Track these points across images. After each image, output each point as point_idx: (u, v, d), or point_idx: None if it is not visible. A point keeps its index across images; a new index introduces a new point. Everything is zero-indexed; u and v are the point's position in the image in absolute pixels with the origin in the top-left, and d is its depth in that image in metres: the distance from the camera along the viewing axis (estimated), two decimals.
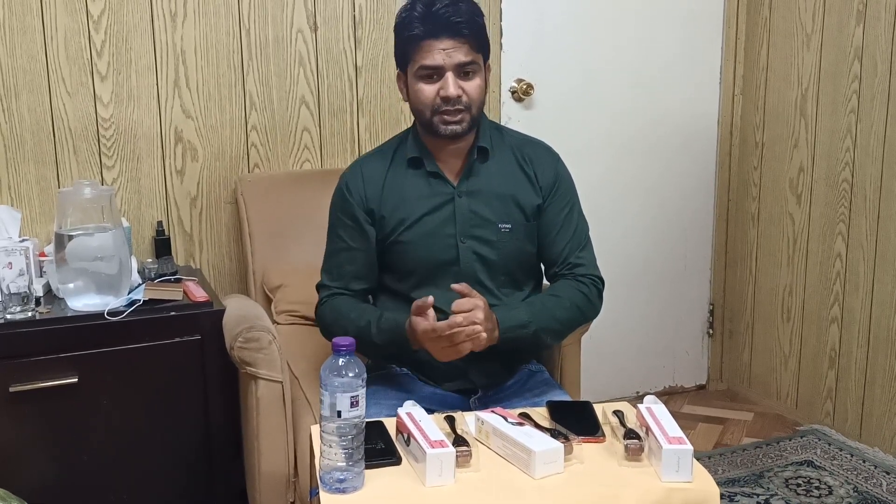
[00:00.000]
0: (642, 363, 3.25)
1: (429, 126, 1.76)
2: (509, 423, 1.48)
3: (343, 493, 1.33)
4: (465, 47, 1.71)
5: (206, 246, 2.54)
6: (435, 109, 1.73)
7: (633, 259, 3.15)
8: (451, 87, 1.71)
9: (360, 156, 1.95)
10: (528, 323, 1.72)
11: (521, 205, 1.83)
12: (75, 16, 2.31)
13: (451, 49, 1.70)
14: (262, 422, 1.91)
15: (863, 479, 2.58)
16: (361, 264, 1.84)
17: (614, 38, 3.00)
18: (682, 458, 1.38)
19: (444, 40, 1.70)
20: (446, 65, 1.71)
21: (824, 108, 2.88)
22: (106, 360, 1.97)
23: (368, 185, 1.83)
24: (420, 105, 1.76)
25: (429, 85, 1.73)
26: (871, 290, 2.77)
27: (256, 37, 2.50)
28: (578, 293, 1.81)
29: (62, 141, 2.35)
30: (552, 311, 1.78)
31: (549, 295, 1.82)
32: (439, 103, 1.73)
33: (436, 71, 1.72)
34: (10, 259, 1.98)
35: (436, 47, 1.70)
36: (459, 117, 1.73)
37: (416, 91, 1.76)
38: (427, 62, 1.71)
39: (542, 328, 1.75)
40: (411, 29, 1.72)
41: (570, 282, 1.83)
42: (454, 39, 1.70)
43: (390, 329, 1.73)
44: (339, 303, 1.82)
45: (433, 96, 1.73)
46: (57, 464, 1.97)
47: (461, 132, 1.75)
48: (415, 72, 1.74)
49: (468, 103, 1.73)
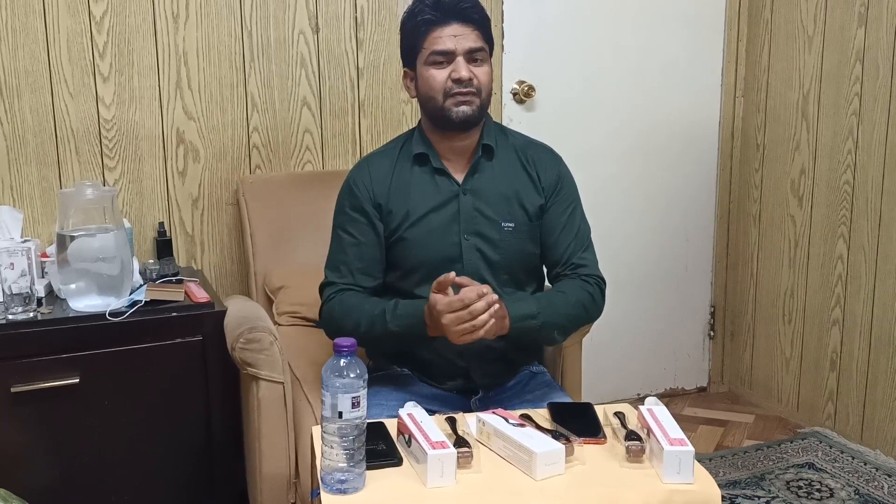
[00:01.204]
0: (643, 365, 3.25)
1: (440, 113, 1.76)
2: (510, 425, 1.48)
3: (344, 494, 1.33)
4: (475, 34, 1.75)
5: (207, 247, 2.54)
6: (447, 92, 1.75)
7: (634, 261, 3.15)
8: (463, 69, 1.73)
9: (366, 154, 1.95)
10: (536, 314, 1.72)
11: (525, 204, 1.83)
12: (78, 17, 2.31)
13: (461, 35, 1.74)
14: (263, 423, 1.92)
15: (864, 482, 2.58)
16: (371, 260, 1.83)
17: (615, 40, 3.00)
18: (684, 459, 1.38)
19: (454, 26, 1.74)
20: (457, 49, 1.74)
21: (826, 110, 2.88)
22: (107, 361, 1.97)
23: (376, 180, 1.83)
24: (431, 91, 1.76)
25: (440, 70, 1.75)
26: (872, 293, 2.76)
27: (258, 38, 2.50)
28: (584, 292, 1.81)
29: (64, 142, 2.35)
30: (558, 306, 1.78)
31: (555, 291, 1.83)
32: (451, 86, 1.74)
33: (446, 56, 1.74)
34: (12, 260, 1.98)
35: (446, 33, 1.74)
36: (470, 98, 1.75)
37: (426, 78, 1.77)
38: (438, 47, 1.74)
39: (549, 322, 1.75)
40: (420, 20, 1.75)
41: (574, 281, 1.83)
42: (464, 25, 1.74)
43: (408, 314, 1.71)
44: (348, 297, 1.80)
45: (444, 80, 1.74)
46: (58, 464, 1.97)
47: (472, 114, 1.76)
48: (425, 59, 1.76)
49: (479, 87, 1.76)
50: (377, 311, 1.74)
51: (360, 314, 1.75)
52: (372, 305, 1.76)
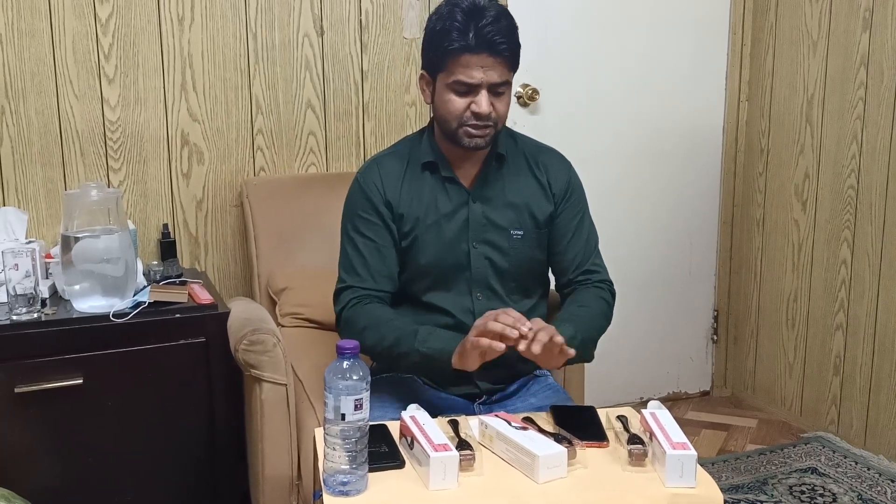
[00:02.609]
0: (646, 369, 3.24)
1: (452, 136, 1.74)
2: (513, 428, 1.48)
3: (346, 496, 1.33)
4: (502, 68, 1.69)
5: (211, 249, 2.54)
6: (462, 122, 1.71)
7: (637, 265, 3.15)
8: (484, 105, 1.68)
9: (374, 155, 1.92)
10: (575, 334, 1.67)
11: (534, 212, 1.83)
12: (83, 19, 2.32)
13: (489, 67, 1.67)
14: (266, 424, 1.92)
15: (867, 487, 2.57)
16: (391, 262, 1.79)
17: (620, 44, 3.01)
18: (686, 463, 1.38)
19: (483, 57, 1.66)
20: (483, 83, 1.68)
21: (830, 114, 2.88)
22: (111, 362, 1.97)
23: (387, 182, 1.80)
24: (448, 115, 1.73)
25: (460, 98, 1.70)
26: (876, 298, 2.76)
27: (263, 41, 2.51)
28: (602, 301, 1.81)
29: (69, 143, 2.36)
30: (588, 321, 1.75)
31: (578, 307, 1.79)
32: (468, 117, 1.70)
33: (471, 87, 1.69)
34: (17, 260, 1.98)
35: (474, 64, 1.67)
36: (485, 132, 1.72)
37: (445, 101, 1.72)
38: (464, 79, 1.68)
39: (586, 339, 1.72)
40: (450, 41, 1.67)
41: (591, 290, 1.82)
42: (493, 58, 1.67)
43: (442, 339, 1.66)
44: (375, 308, 1.75)
45: (463, 109, 1.70)
46: (62, 465, 1.97)
47: (483, 146, 1.74)
48: (448, 83, 1.70)
49: (496, 119, 1.72)
50: (408, 330, 1.69)
51: (388, 329, 1.70)
52: (403, 322, 1.72)
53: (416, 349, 1.66)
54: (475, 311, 1.79)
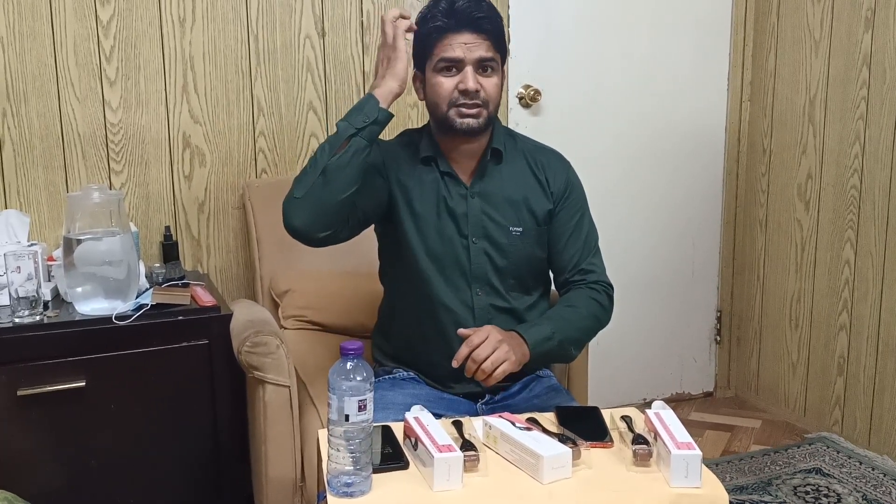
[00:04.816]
0: (649, 370, 3.24)
1: (444, 121, 1.76)
2: (517, 428, 1.47)
3: (351, 498, 1.33)
4: (486, 44, 1.73)
5: (213, 251, 2.54)
6: (452, 102, 1.73)
7: (640, 265, 3.14)
8: (470, 80, 1.71)
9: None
10: (552, 335, 1.72)
11: (533, 209, 1.83)
12: (84, 21, 2.32)
13: (472, 44, 1.72)
14: (269, 426, 1.91)
15: (872, 487, 2.57)
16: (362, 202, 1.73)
17: (622, 45, 3.00)
18: (691, 463, 1.38)
19: (465, 34, 1.71)
20: (466, 58, 1.72)
21: (832, 114, 2.88)
22: (114, 365, 1.97)
23: (388, 155, 1.81)
24: (437, 98, 1.75)
25: (447, 78, 1.74)
26: (879, 297, 2.76)
27: (264, 42, 2.50)
28: (594, 302, 1.81)
29: (71, 145, 2.36)
30: (572, 321, 1.77)
31: (565, 306, 1.81)
32: (457, 96, 1.73)
33: (455, 64, 1.73)
34: (19, 263, 1.98)
35: (457, 41, 1.72)
36: (476, 111, 1.73)
37: (433, 85, 1.76)
38: (447, 54, 1.72)
39: (566, 338, 1.74)
40: (434, 22, 1.73)
41: (583, 290, 1.83)
42: (475, 34, 1.72)
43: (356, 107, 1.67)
44: None
45: (451, 89, 1.73)
46: (64, 468, 1.97)
47: (477, 127, 1.75)
48: (434, 65, 1.75)
49: (485, 99, 1.74)
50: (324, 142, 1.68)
51: (310, 162, 1.67)
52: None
53: (336, 126, 1.66)
54: (474, 306, 1.80)
